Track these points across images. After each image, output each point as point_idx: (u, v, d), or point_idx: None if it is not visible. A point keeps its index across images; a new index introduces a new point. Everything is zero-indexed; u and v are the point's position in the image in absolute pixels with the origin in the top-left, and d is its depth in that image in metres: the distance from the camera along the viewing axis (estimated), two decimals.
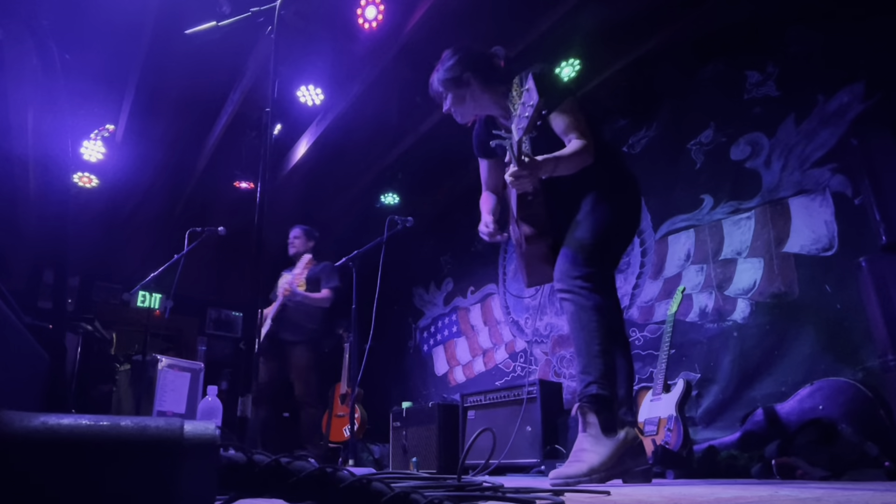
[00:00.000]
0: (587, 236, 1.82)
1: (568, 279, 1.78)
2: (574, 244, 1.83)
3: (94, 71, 4.19)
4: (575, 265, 1.78)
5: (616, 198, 1.92)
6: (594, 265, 1.78)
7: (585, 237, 1.82)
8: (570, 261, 1.80)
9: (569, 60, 4.29)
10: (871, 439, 2.38)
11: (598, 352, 1.71)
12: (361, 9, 3.77)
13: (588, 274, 1.76)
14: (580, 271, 1.77)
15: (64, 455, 0.49)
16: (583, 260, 1.78)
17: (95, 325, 4.18)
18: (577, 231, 1.85)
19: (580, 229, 1.85)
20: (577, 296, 1.74)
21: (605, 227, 1.85)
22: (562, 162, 1.78)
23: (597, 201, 1.89)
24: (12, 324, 0.98)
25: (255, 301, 1.58)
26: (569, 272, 1.78)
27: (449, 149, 4.57)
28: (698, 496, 1.13)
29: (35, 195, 4.39)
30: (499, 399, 4.02)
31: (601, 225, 1.84)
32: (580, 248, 1.81)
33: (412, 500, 0.61)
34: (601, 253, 1.82)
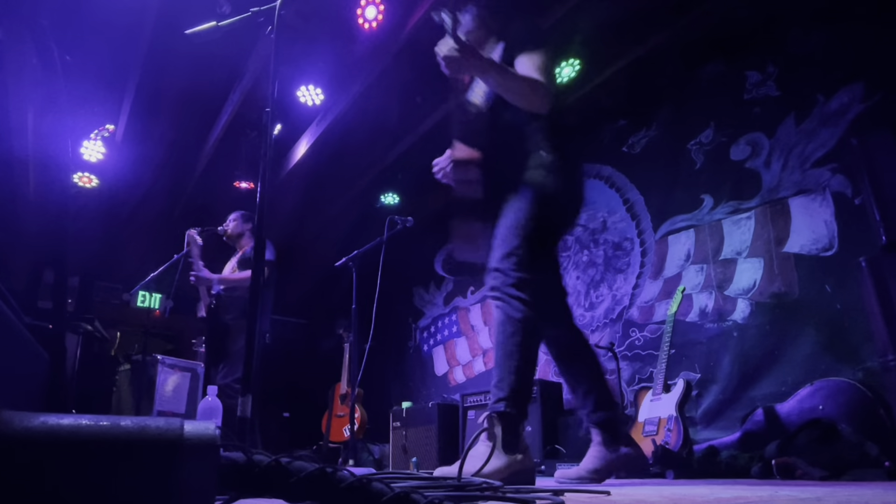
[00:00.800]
0: (517, 240, 1.71)
1: (501, 282, 1.69)
2: (506, 244, 1.72)
3: (94, 71, 4.19)
4: (508, 267, 1.69)
5: (548, 199, 1.77)
6: (527, 270, 1.69)
7: (515, 240, 1.71)
8: (503, 260, 1.70)
9: (569, 60, 4.29)
10: (871, 439, 2.38)
11: (514, 368, 1.62)
12: (361, 9, 3.77)
13: (521, 281, 1.67)
14: (513, 277, 1.68)
15: (64, 455, 0.49)
16: (516, 264, 1.69)
17: (95, 325, 4.18)
18: (508, 231, 1.74)
19: (510, 230, 1.73)
20: (507, 305, 1.66)
21: (536, 229, 1.73)
22: (505, 76, 1.66)
23: (527, 198, 1.76)
24: (12, 324, 0.98)
25: (255, 301, 1.58)
26: (502, 274, 1.69)
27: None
28: (698, 496, 1.13)
29: (35, 195, 4.39)
30: None
31: (530, 227, 1.73)
32: (513, 250, 1.70)
33: (412, 500, 0.61)
34: (532, 256, 1.72)
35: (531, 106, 1.73)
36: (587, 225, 4.73)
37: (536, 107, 1.74)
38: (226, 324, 3.60)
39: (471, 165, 1.80)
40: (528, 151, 1.79)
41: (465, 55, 1.62)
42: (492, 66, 1.67)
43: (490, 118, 1.81)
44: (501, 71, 1.67)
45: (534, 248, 1.72)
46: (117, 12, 3.71)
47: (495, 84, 1.69)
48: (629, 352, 4.10)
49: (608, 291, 4.43)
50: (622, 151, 4.54)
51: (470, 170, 1.81)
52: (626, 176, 4.49)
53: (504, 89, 1.69)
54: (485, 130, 1.80)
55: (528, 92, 1.70)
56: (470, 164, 1.81)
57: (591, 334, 4.47)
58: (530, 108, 1.73)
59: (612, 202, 4.54)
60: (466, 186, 1.83)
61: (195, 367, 4.71)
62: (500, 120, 1.81)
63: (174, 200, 6.07)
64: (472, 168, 1.80)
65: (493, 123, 1.81)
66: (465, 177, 1.82)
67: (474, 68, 1.67)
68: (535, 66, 1.72)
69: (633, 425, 3.04)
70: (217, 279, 3.65)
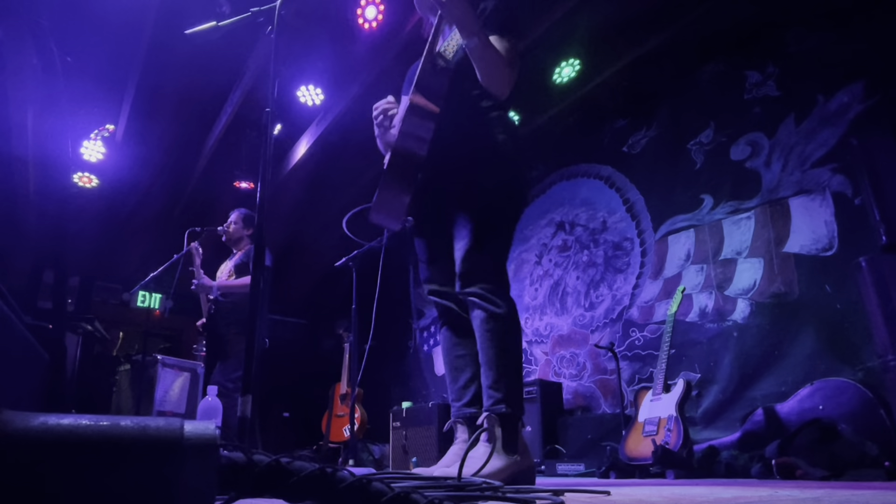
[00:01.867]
0: (485, 229, 1.63)
1: (478, 281, 1.62)
2: (476, 234, 1.63)
3: (94, 71, 4.19)
4: (482, 261, 1.62)
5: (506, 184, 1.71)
6: (501, 261, 1.65)
7: (484, 229, 1.63)
8: (475, 253, 1.62)
9: (569, 60, 4.29)
10: (871, 439, 2.38)
11: (507, 366, 1.58)
12: (361, 9, 3.78)
13: (498, 274, 1.63)
14: (490, 271, 1.62)
15: (64, 455, 0.49)
16: (491, 265, 1.63)
17: (95, 325, 4.18)
18: (474, 219, 1.65)
19: (474, 224, 1.64)
20: (489, 304, 1.60)
21: (501, 216, 1.67)
22: (486, 43, 1.60)
23: (486, 182, 1.69)
24: (12, 324, 0.98)
25: (255, 301, 1.57)
26: (477, 271, 1.62)
27: None
28: (698, 496, 1.13)
29: (35, 195, 4.39)
30: None
31: (497, 214, 1.66)
32: (484, 241, 1.62)
33: (412, 500, 0.61)
34: (502, 245, 1.67)
35: (493, 85, 1.68)
36: (587, 225, 4.73)
37: (497, 88, 1.69)
38: (224, 328, 3.61)
39: (427, 119, 1.65)
40: (486, 130, 1.73)
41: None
42: (479, 25, 1.61)
43: (454, 79, 1.71)
44: (484, 35, 1.62)
45: (501, 235, 1.67)
46: (117, 12, 3.71)
47: (475, 46, 1.61)
48: (629, 352, 4.10)
49: (608, 291, 4.43)
50: (622, 151, 4.54)
51: (425, 123, 1.65)
52: (626, 176, 4.49)
53: (478, 55, 1.63)
54: (446, 89, 1.68)
55: (498, 70, 1.65)
56: (427, 115, 1.65)
57: (591, 334, 4.47)
58: (491, 86, 1.68)
59: (612, 202, 4.55)
60: (413, 141, 1.66)
61: (195, 367, 4.71)
62: (463, 86, 1.73)
63: (174, 200, 6.07)
64: (428, 121, 1.65)
65: (456, 87, 1.71)
66: (416, 130, 1.66)
67: (464, 16, 1.58)
68: (504, 50, 1.68)
69: (633, 425, 3.04)
70: (217, 286, 3.67)
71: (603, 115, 4.69)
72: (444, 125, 1.68)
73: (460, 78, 1.72)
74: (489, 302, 1.60)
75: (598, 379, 4.31)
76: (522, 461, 1.58)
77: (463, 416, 1.66)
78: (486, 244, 1.63)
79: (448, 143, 1.70)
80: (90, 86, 4.37)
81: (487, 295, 1.61)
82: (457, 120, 1.72)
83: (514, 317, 1.63)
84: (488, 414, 1.55)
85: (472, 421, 1.64)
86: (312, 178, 5.58)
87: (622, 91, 4.45)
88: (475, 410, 1.65)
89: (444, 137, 1.68)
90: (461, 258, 1.64)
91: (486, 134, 1.72)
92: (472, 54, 1.64)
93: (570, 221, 4.89)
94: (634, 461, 2.86)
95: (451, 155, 1.71)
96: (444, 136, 1.68)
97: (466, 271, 1.63)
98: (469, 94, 1.75)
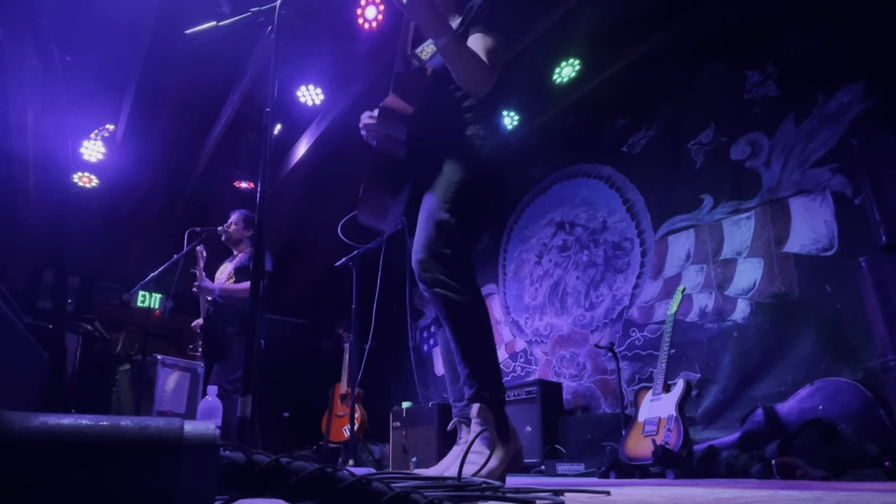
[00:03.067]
0: (446, 215, 1.60)
1: (435, 266, 1.57)
2: (434, 222, 1.60)
3: (94, 71, 4.19)
4: (439, 247, 1.57)
5: (479, 177, 1.68)
6: (459, 247, 1.59)
7: (444, 215, 1.59)
8: (433, 241, 1.58)
9: (569, 60, 4.29)
10: (871, 439, 2.38)
11: (482, 353, 1.57)
12: (361, 9, 3.78)
13: (456, 259, 1.57)
14: (447, 257, 1.57)
15: (64, 455, 0.49)
16: (447, 242, 1.57)
17: (95, 325, 4.18)
18: (436, 207, 1.62)
19: (438, 205, 1.62)
20: (447, 290, 1.56)
21: (466, 205, 1.63)
22: (454, 42, 1.58)
23: (457, 172, 1.66)
24: (12, 324, 0.98)
25: (255, 301, 1.57)
26: (433, 257, 1.58)
27: None
28: (698, 496, 1.13)
29: (35, 195, 4.39)
30: None
31: (460, 203, 1.62)
32: (443, 227, 1.58)
33: (412, 500, 0.61)
34: (464, 232, 1.61)
35: (468, 84, 1.67)
36: (587, 225, 4.73)
37: (473, 87, 1.68)
38: (221, 329, 3.62)
39: (400, 121, 1.67)
40: (461, 126, 1.72)
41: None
42: (445, 26, 1.60)
43: (431, 80, 1.72)
44: (452, 35, 1.60)
45: (464, 224, 1.61)
46: (117, 12, 3.71)
47: (443, 46, 1.60)
48: (629, 352, 4.10)
49: (608, 291, 4.43)
50: (622, 151, 4.54)
51: (398, 125, 1.67)
52: (626, 176, 4.49)
53: (448, 54, 1.62)
54: (422, 89, 1.69)
55: (471, 69, 1.63)
56: (400, 118, 1.67)
57: (591, 334, 4.47)
58: (467, 86, 1.68)
59: (612, 202, 4.55)
60: (389, 143, 1.69)
61: (195, 367, 4.71)
62: (440, 86, 1.72)
63: (174, 200, 6.07)
64: (400, 123, 1.66)
65: (433, 86, 1.71)
66: (390, 132, 1.69)
67: (427, 16, 1.58)
68: (484, 47, 1.66)
69: (633, 425, 3.04)
70: (219, 290, 3.67)
71: (603, 115, 4.69)
72: (426, 125, 1.69)
73: (441, 78, 1.72)
74: (449, 289, 1.57)
75: (598, 379, 4.31)
76: (513, 446, 1.59)
77: (466, 415, 1.66)
78: (446, 233, 1.59)
79: (429, 143, 1.70)
80: (90, 86, 4.37)
81: (447, 281, 1.57)
82: (437, 119, 1.72)
83: (475, 304, 1.59)
84: (480, 406, 1.53)
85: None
86: (312, 178, 5.59)
87: (622, 91, 4.45)
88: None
89: (424, 138, 1.69)
90: (417, 245, 1.62)
91: (460, 131, 1.71)
92: (443, 54, 1.63)
93: (570, 221, 4.89)
94: (634, 461, 2.86)
95: (432, 154, 1.71)
96: (426, 136, 1.69)
97: (422, 259, 1.60)
98: (451, 95, 1.75)
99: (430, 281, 1.59)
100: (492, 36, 1.69)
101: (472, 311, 1.58)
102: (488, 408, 1.54)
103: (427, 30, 1.62)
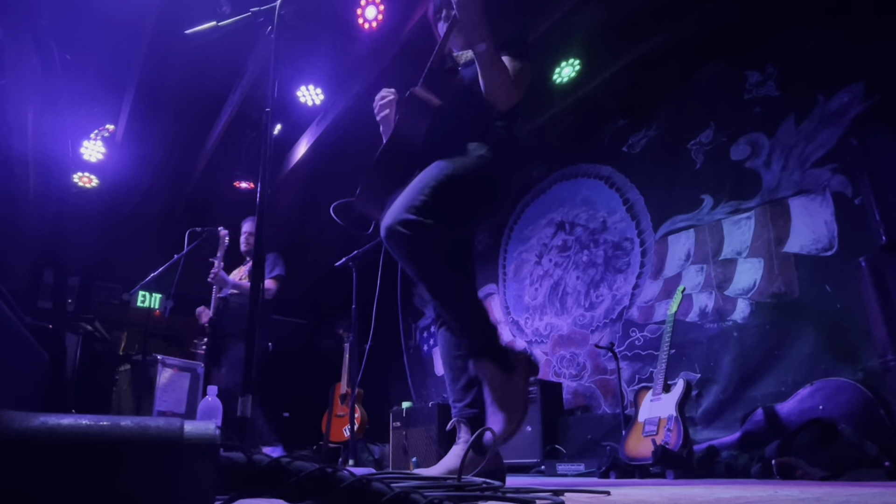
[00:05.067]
0: (426, 192, 1.54)
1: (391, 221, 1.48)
2: (410, 195, 1.55)
3: (94, 71, 4.19)
4: (403, 212, 1.49)
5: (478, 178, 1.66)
6: (434, 214, 1.50)
7: (424, 193, 1.54)
8: (401, 210, 1.51)
9: (569, 60, 4.29)
10: (871, 439, 2.38)
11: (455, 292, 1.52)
12: (361, 9, 3.78)
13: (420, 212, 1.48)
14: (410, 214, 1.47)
15: (64, 455, 0.49)
16: (416, 210, 1.49)
17: (95, 325, 4.18)
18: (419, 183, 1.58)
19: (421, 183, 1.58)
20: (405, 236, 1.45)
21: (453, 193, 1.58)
22: (494, 54, 1.63)
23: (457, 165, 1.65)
24: (12, 324, 0.98)
25: (255, 301, 1.58)
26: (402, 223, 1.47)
27: None
28: (698, 496, 1.13)
29: (35, 195, 4.39)
30: None
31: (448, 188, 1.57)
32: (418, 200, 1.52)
33: (412, 500, 0.61)
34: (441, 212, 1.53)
35: (496, 95, 1.71)
36: (587, 225, 4.73)
37: (499, 99, 1.72)
38: (231, 327, 3.62)
39: (425, 112, 1.66)
40: (480, 132, 1.75)
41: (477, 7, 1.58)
42: (488, 32, 1.63)
43: (462, 84, 1.77)
44: (493, 42, 1.64)
45: (444, 208, 1.53)
46: (117, 12, 3.71)
47: (483, 51, 1.63)
48: (629, 352, 4.10)
49: (608, 291, 4.43)
50: (622, 151, 4.54)
51: (423, 113, 1.66)
52: (626, 176, 4.49)
53: (485, 60, 1.65)
54: (451, 89, 1.73)
55: (502, 80, 1.68)
56: (425, 110, 1.66)
57: (591, 334, 4.47)
58: (494, 96, 1.71)
59: (612, 202, 4.55)
60: (408, 129, 1.68)
61: (195, 367, 4.70)
62: (468, 93, 1.77)
63: (174, 200, 6.07)
64: (425, 112, 1.66)
65: (462, 90, 1.76)
66: (412, 118, 1.68)
67: (476, 19, 1.60)
68: (513, 69, 1.74)
69: (634, 425, 3.04)
70: (233, 283, 3.66)
71: (603, 115, 4.69)
72: (448, 123, 1.69)
73: (470, 87, 1.76)
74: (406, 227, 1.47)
75: (598, 379, 4.31)
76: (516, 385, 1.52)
77: (465, 416, 1.66)
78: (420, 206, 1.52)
79: (447, 141, 1.71)
80: (90, 86, 4.37)
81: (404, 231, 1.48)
82: (460, 120, 1.74)
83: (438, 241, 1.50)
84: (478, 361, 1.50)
85: (474, 421, 1.64)
86: (312, 178, 5.59)
87: (622, 91, 4.45)
88: (477, 411, 1.65)
89: (444, 134, 1.69)
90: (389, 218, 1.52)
91: (478, 136, 1.73)
92: (479, 59, 1.66)
93: (570, 221, 4.89)
94: (634, 461, 2.86)
95: (447, 151, 1.71)
96: (446, 133, 1.70)
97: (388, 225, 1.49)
98: (478, 104, 1.77)
99: (384, 234, 1.50)
100: (521, 62, 1.78)
101: (439, 253, 1.50)
102: (486, 359, 1.49)
103: (471, 32, 1.63)
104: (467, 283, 1.67)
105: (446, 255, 1.53)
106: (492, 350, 1.51)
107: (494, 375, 1.48)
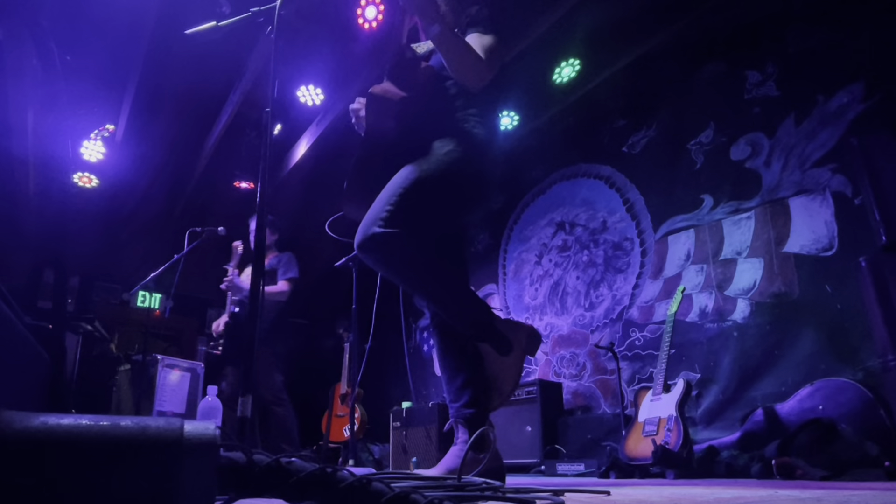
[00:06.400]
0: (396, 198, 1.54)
1: (363, 233, 1.51)
2: (381, 202, 1.55)
3: (94, 71, 4.19)
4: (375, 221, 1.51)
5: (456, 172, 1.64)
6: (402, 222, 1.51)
7: (394, 198, 1.54)
8: (372, 221, 1.52)
9: (569, 60, 4.29)
10: (871, 439, 2.38)
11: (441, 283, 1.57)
12: (361, 9, 3.78)
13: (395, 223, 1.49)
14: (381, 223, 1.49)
15: (64, 455, 0.49)
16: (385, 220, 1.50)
17: (95, 325, 4.18)
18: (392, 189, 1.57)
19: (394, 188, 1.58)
20: (379, 245, 1.49)
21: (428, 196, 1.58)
22: (450, 36, 1.59)
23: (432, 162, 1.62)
24: (12, 324, 0.98)
25: (255, 301, 1.57)
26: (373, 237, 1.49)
27: None
28: (698, 496, 1.13)
29: (35, 195, 4.39)
30: None
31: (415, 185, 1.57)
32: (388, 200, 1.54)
33: (412, 500, 0.61)
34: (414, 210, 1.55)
35: (462, 76, 1.68)
36: (587, 225, 4.73)
37: (468, 79, 1.69)
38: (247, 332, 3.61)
39: (387, 108, 1.66)
40: (452, 120, 1.72)
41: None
42: (439, 14, 1.61)
43: (426, 72, 1.74)
44: (446, 24, 1.62)
45: (413, 214, 1.54)
46: (117, 12, 3.71)
47: (437, 34, 1.61)
48: (629, 352, 4.10)
49: (608, 291, 4.43)
50: (622, 151, 4.54)
51: (385, 109, 1.66)
52: (626, 176, 4.49)
53: (441, 42, 1.63)
54: (415, 79, 1.70)
55: (466, 60, 1.65)
56: (387, 106, 1.66)
57: (591, 334, 4.47)
58: (462, 79, 1.69)
59: (612, 202, 4.55)
60: (376, 128, 1.70)
61: (195, 367, 4.71)
62: (435, 81, 1.74)
63: (174, 200, 6.07)
64: (387, 108, 1.66)
65: (427, 79, 1.73)
66: (376, 117, 1.69)
67: (423, 5, 1.59)
68: (482, 45, 1.70)
69: (633, 425, 3.04)
70: (248, 290, 3.67)
71: (603, 115, 4.69)
72: (416, 113, 1.69)
73: (437, 75, 1.75)
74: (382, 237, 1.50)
75: (598, 379, 4.31)
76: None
77: (463, 416, 1.66)
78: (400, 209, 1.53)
79: (417, 132, 1.71)
80: (90, 86, 4.37)
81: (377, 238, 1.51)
82: (428, 109, 1.73)
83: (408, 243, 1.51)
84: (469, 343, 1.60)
85: (471, 421, 1.64)
86: (312, 178, 5.58)
87: (622, 91, 4.45)
88: (475, 411, 1.64)
89: (413, 126, 1.69)
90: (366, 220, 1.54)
91: (450, 124, 1.71)
92: (436, 42, 1.64)
93: (570, 221, 4.89)
94: (634, 461, 2.86)
95: (419, 143, 1.69)
96: (415, 124, 1.70)
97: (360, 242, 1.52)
98: (445, 91, 1.76)
99: (359, 243, 1.53)
100: (488, 35, 1.73)
101: (415, 253, 1.52)
102: (483, 343, 1.61)
103: (421, 15, 1.63)
104: (453, 277, 1.69)
105: (423, 258, 1.57)
106: (486, 337, 1.60)
107: (489, 353, 1.60)
